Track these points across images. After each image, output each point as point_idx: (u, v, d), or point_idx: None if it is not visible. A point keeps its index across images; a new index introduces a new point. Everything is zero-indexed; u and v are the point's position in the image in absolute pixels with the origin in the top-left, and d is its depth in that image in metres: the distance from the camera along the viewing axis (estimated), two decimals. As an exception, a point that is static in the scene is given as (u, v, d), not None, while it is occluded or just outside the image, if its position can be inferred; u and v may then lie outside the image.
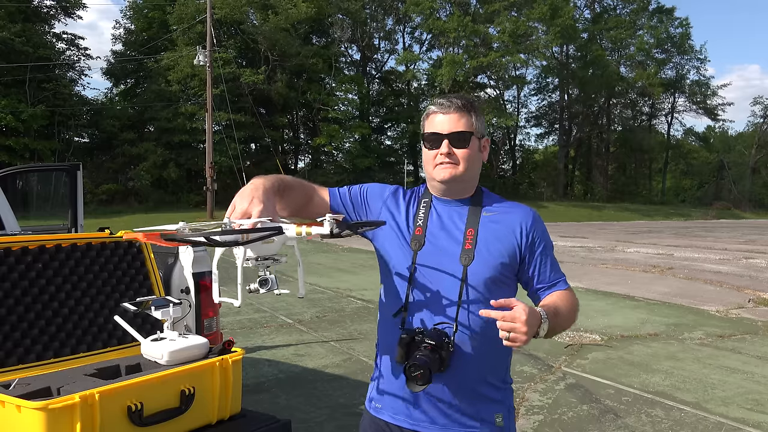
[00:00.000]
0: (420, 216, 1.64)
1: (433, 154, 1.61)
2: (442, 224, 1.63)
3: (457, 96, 1.64)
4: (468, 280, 1.56)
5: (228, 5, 31.96)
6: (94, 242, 2.52)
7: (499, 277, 1.59)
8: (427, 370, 1.45)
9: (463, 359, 1.53)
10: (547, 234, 1.68)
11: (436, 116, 1.62)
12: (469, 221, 1.61)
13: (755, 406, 4.54)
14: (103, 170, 34.02)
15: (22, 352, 2.20)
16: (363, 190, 1.73)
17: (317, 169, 38.75)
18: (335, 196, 1.70)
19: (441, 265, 1.57)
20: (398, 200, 1.71)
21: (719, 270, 12.40)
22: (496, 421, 1.60)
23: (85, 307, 2.42)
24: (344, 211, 1.68)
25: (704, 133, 55.48)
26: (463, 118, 1.59)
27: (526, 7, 37.90)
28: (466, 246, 1.58)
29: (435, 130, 1.60)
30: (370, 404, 1.70)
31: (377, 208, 1.69)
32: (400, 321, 1.58)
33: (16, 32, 28.59)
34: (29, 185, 6.86)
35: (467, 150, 1.59)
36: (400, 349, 1.52)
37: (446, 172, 1.58)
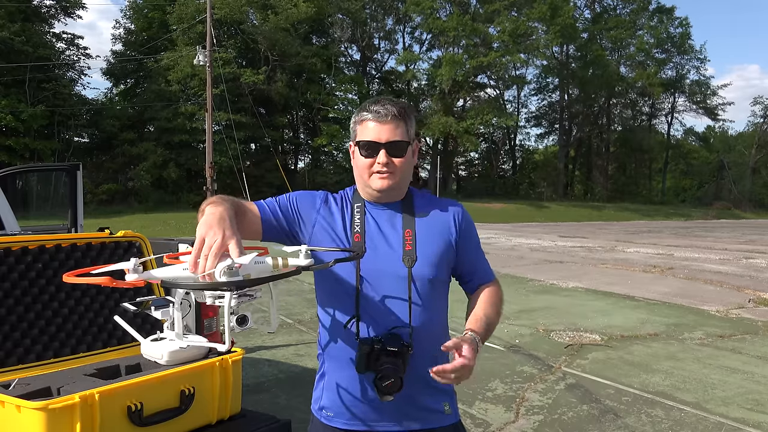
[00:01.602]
0: (356, 222, 1.64)
1: (368, 162, 1.60)
2: (380, 228, 1.63)
3: (390, 102, 1.62)
4: (414, 280, 1.58)
5: (228, 5, 31.96)
6: (94, 242, 2.52)
7: (440, 275, 1.62)
8: (398, 378, 1.47)
9: (419, 358, 1.55)
10: (475, 230, 1.74)
11: (370, 123, 1.60)
12: (405, 222, 1.63)
13: (755, 406, 4.53)
14: (103, 170, 34.02)
15: (22, 352, 2.20)
16: (292, 201, 1.67)
17: (317, 169, 38.78)
18: (264, 210, 1.62)
19: (385, 270, 1.58)
20: (331, 208, 1.68)
21: (719, 270, 12.40)
22: (444, 409, 1.65)
23: (85, 307, 2.42)
24: (276, 225, 1.62)
25: (704, 133, 55.55)
26: (399, 127, 1.59)
27: (526, 7, 37.91)
28: (407, 247, 1.60)
29: (371, 139, 1.59)
30: (321, 413, 1.72)
31: (311, 218, 1.65)
32: (353, 331, 1.57)
33: (15, 32, 28.59)
34: (29, 185, 6.86)
35: (404, 159, 1.61)
36: (359, 359, 1.51)
37: (384, 182, 1.59)
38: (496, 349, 5.95)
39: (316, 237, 1.62)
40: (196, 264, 1.25)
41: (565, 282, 10.41)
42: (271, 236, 1.62)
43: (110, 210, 28.23)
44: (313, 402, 1.75)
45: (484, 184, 42.54)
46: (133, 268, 1.27)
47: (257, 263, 1.29)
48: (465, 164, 47.83)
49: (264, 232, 1.61)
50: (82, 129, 34.53)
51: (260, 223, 1.59)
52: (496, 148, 46.34)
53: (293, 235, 1.64)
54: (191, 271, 1.26)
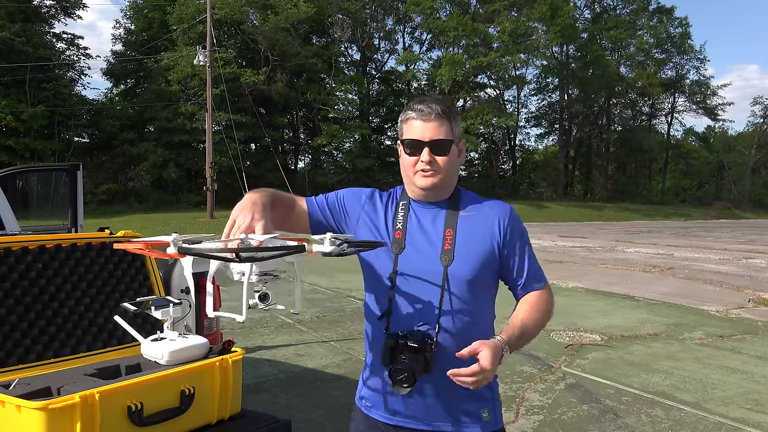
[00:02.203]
0: (399, 219, 1.66)
1: (413, 161, 1.62)
2: (421, 226, 1.64)
3: (435, 101, 1.63)
4: (449, 280, 1.58)
5: (228, 5, 31.97)
6: (94, 242, 2.52)
7: (479, 276, 1.61)
8: (411, 373, 1.48)
9: (448, 359, 1.53)
10: (524, 230, 1.71)
11: (415, 122, 1.62)
12: (448, 222, 1.64)
13: (755, 406, 4.54)
14: (103, 170, 34.02)
15: (22, 352, 2.20)
16: (340, 198, 1.73)
17: (317, 169, 38.78)
18: (313, 205, 1.70)
19: (422, 267, 1.59)
20: (375, 204, 1.71)
21: (719, 270, 12.40)
22: (482, 416, 1.63)
23: (85, 307, 2.42)
24: (324, 221, 1.69)
25: (704, 133, 55.54)
26: (443, 125, 1.60)
27: (526, 7, 37.90)
28: (446, 246, 1.60)
29: (415, 137, 1.60)
30: (361, 402, 1.74)
31: (356, 214, 1.70)
32: (384, 324, 1.61)
33: (16, 32, 28.59)
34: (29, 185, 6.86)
35: (447, 157, 1.61)
36: (384, 352, 1.54)
37: (427, 180, 1.61)
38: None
39: (359, 231, 1.67)
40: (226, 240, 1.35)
41: (565, 282, 10.41)
42: (319, 230, 1.67)
43: (110, 210, 28.24)
44: (357, 391, 1.78)
45: (484, 184, 42.48)
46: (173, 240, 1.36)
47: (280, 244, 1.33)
48: (465, 164, 47.70)
49: (312, 226, 1.68)
50: (82, 129, 34.54)
51: (308, 217, 1.68)
52: (496, 148, 46.30)
53: (339, 230, 1.70)
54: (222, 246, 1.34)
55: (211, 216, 25.64)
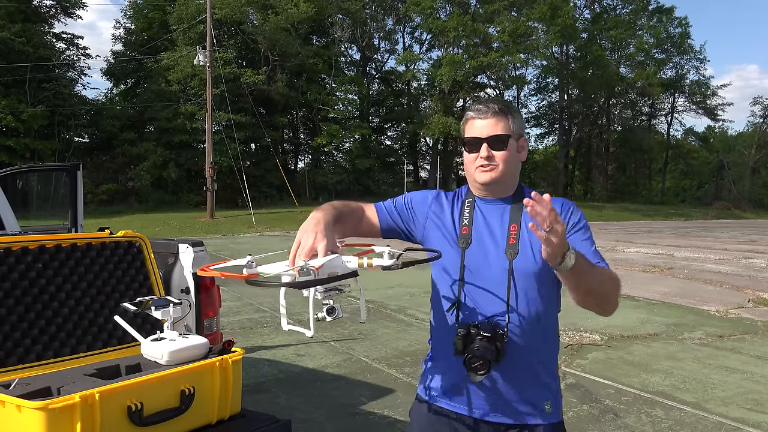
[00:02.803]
0: (465, 216, 1.73)
1: (473, 158, 1.69)
2: (487, 222, 1.71)
3: (493, 100, 1.73)
4: (515, 273, 1.64)
5: (228, 5, 31.96)
6: (94, 242, 2.52)
7: (544, 268, 1.62)
8: (486, 361, 1.56)
9: (516, 349, 1.62)
10: (585, 221, 1.73)
11: (474, 121, 1.69)
12: (512, 217, 1.69)
13: (755, 406, 4.54)
14: (103, 170, 34.04)
15: (22, 352, 2.20)
16: (407, 201, 1.81)
17: (317, 169, 38.78)
18: (382, 211, 1.79)
19: (488, 261, 1.66)
20: (441, 203, 1.79)
21: (719, 270, 12.40)
22: (545, 408, 1.69)
23: (85, 307, 2.42)
24: (393, 224, 1.78)
25: (704, 133, 55.52)
26: (501, 122, 1.67)
27: (526, 7, 37.88)
28: (511, 241, 1.66)
29: (474, 135, 1.68)
30: (426, 392, 1.78)
31: (423, 215, 1.78)
32: (454, 316, 1.68)
33: (16, 32, 28.60)
34: (29, 185, 6.86)
35: (506, 152, 1.67)
36: (457, 341, 1.61)
37: (486, 175, 1.67)
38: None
39: (428, 230, 1.76)
40: (293, 260, 1.43)
41: (565, 282, 10.40)
42: (390, 234, 1.79)
43: (110, 210, 28.25)
44: (419, 383, 1.83)
45: (484, 184, 42.43)
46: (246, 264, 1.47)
47: (345, 262, 1.43)
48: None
49: (382, 231, 1.78)
50: (82, 129, 34.57)
51: (378, 223, 1.77)
52: (496, 148, 46.26)
53: (409, 231, 1.79)
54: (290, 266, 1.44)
55: (211, 216, 25.65)
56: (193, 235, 19.05)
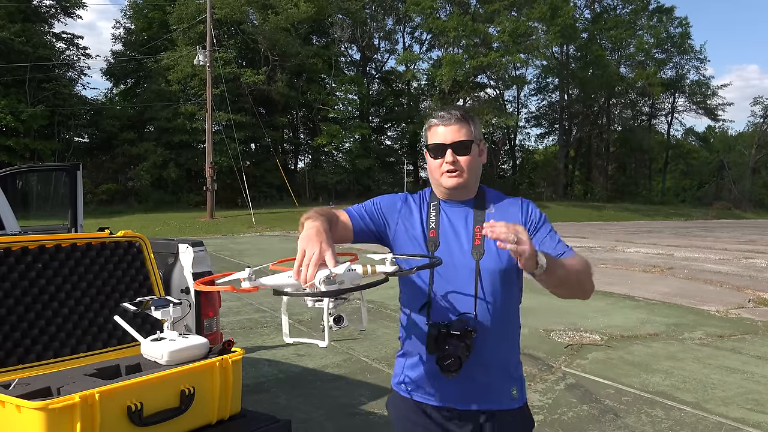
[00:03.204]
0: (431, 219, 1.81)
1: (438, 163, 1.76)
2: (452, 225, 1.79)
3: (454, 107, 1.82)
4: (481, 272, 1.72)
5: (228, 5, 31.97)
6: (94, 242, 2.52)
7: (508, 267, 1.73)
8: (457, 358, 1.64)
9: (485, 343, 1.71)
10: (544, 215, 1.83)
11: (437, 128, 1.76)
12: (476, 219, 1.78)
13: (755, 406, 4.54)
14: (103, 170, 34.05)
15: (22, 352, 2.20)
16: (377, 205, 1.86)
17: (317, 169, 38.79)
18: (354, 216, 1.82)
19: (456, 262, 1.73)
20: (410, 207, 1.85)
21: (719, 270, 12.40)
22: (512, 394, 1.80)
23: (85, 307, 2.42)
24: (366, 229, 1.81)
25: (704, 133, 55.52)
26: (463, 128, 1.75)
27: (526, 7, 37.89)
28: (476, 242, 1.74)
29: (438, 141, 1.74)
30: (400, 387, 1.86)
31: (393, 219, 1.84)
32: (425, 315, 1.75)
33: (15, 32, 28.60)
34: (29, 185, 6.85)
35: (469, 157, 1.75)
36: (429, 340, 1.68)
37: (453, 180, 1.75)
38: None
39: (398, 234, 1.82)
40: (299, 272, 1.44)
41: (565, 282, 10.39)
42: (362, 239, 1.82)
43: (110, 210, 28.25)
44: (393, 377, 1.91)
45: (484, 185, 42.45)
46: (248, 276, 1.45)
47: (350, 270, 1.46)
48: (465, 164, 47.74)
49: (355, 236, 1.81)
50: (82, 129, 34.58)
51: (351, 229, 1.79)
52: (496, 148, 46.29)
53: (380, 235, 1.84)
54: (295, 279, 1.45)
55: (210, 216, 25.65)
56: (193, 235, 19.06)
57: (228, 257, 13.47)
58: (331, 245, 1.49)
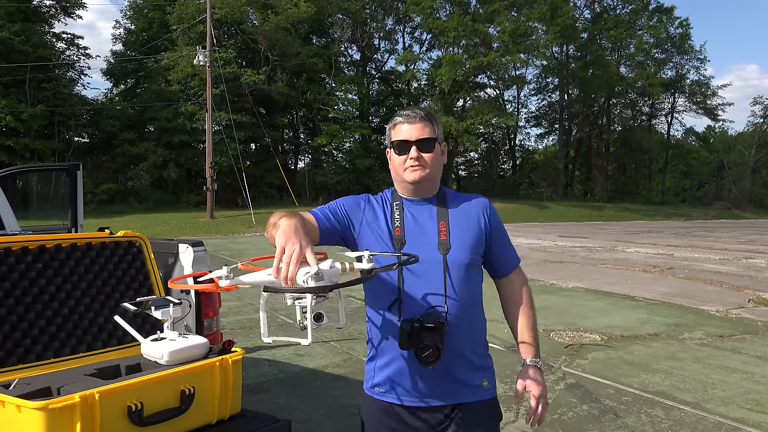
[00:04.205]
0: (396, 218, 1.84)
1: (402, 159, 1.82)
2: (417, 222, 1.84)
3: (418, 108, 1.88)
4: (449, 267, 1.78)
5: (228, 5, 31.97)
6: (94, 242, 2.52)
7: (472, 260, 1.82)
8: (436, 348, 1.67)
9: (454, 335, 1.75)
10: (501, 221, 1.95)
11: (402, 126, 1.83)
12: (440, 215, 1.84)
13: (755, 406, 4.54)
14: (103, 170, 34.05)
15: (22, 352, 2.20)
16: (341, 207, 1.87)
17: (317, 169, 38.78)
18: (320, 218, 1.81)
19: (423, 258, 1.72)
20: (374, 207, 1.89)
21: (719, 270, 12.39)
22: (483, 385, 1.84)
23: (85, 307, 2.42)
24: (331, 229, 1.82)
25: (704, 133, 55.56)
26: (427, 126, 1.82)
27: (526, 7, 37.91)
28: (441, 237, 1.80)
29: (403, 138, 1.81)
30: (373, 390, 1.86)
31: (358, 218, 1.86)
32: (396, 312, 1.76)
33: (15, 32, 28.60)
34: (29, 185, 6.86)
35: (432, 154, 1.82)
36: (402, 336, 1.69)
37: (416, 173, 1.80)
38: (496, 349, 5.95)
39: (363, 234, 1.84)
40: (278, 270, 1.42)
41: (565, 282, 10.41)
42: (328, 240, 1.82)
43: (110, 210, 28.25)
44: (365, 381, 1.91)
45: (484, 184, 42.51)
46: (225, 275, 1.42)
47: (332, 267, 1.45)
48: (465, 164, 47.83)
49: (321, 236, 1.79)
50: (82, 129, 34.58)
51: (317, 230, 1.78)
52: (496, 148, 46.32)
53: (345, 235, 1.85)
54: (274, 276, 1.41)
55: (211, 216, 25.65)
56: (193, 235, 19.06)
57: (228, 257, 13.47)
58: (310, 243, 1.49)
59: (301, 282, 1.39)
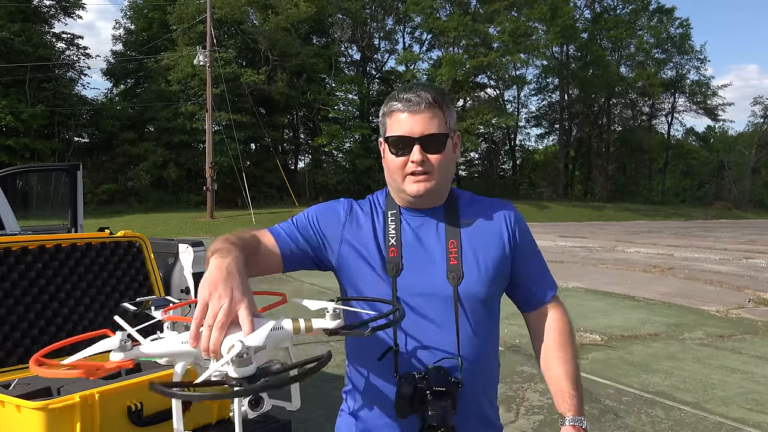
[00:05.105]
0: (390, 233, 1.36)
1: (401, 162, 1.33)
2: (419, 240, 1.36)
3: (424, 87, 1.34)
4: (462, 301, 1.32)
5: (228, 5, 31.98)
6: (94, 242, 2.52)
7: (492, 292, 1.37)
8: (449, 427, 1.23)
9: (470, 393, 1.33)
10: (529, 230, 1.48)
11: (401, 115, 1.33)
12: (449, 232, 1.36)
13: (755, 406, 4.53)
14: (103, 170, 34.05)
15: (22, 352, 2.20)
16: (313, 221, 1.39)
17: (317, 169, 38.78)
18: (282, 238, 1.36)
19: (427, 289, 1.32)
20: (359, 220, 1.40)
21: (719, 270, 12.39)
22: None
23: (85, 307, 2.42)
24: (299, 253, 1.36)
25: (704, 133, 55.55)
26: (436, 117, 1.33)
27: (526, 7, 37.92)
28: (451, 262, 1.33)
29: (403, 133, 1.32)
30: None
31: (336, 236, 1.38)
32: (391, 365, 1.31)
33: (15, 32, 28.61)
34: (29, 185, 6.86)
35: (442, 155, 1.34)
36: (400, 401, 1.24)
37: (420, 185, 1.33)
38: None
39: (344, 258, 1.37)
40: (197, 336, 1.01)
41: (565, 282, 10.41)
42: (295, 266, 1.38)
43: (110, 210, 28.26)
44: None
45: (484, 184, 42.51)
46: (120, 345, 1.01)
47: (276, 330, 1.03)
48: (465, 164, 47.84)
49: (285, 264, 1.36)
50: (82, 129, 34.59)
51: (279, 254, 1.34)
52: (496, 148, 46.29)
53: (319, 260, 1.39)
54: (192, 346, 1.01)
55: (211, 216, 25.65)
56: (193, 235, 19.05)
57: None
58: (248, 293, 1.04)
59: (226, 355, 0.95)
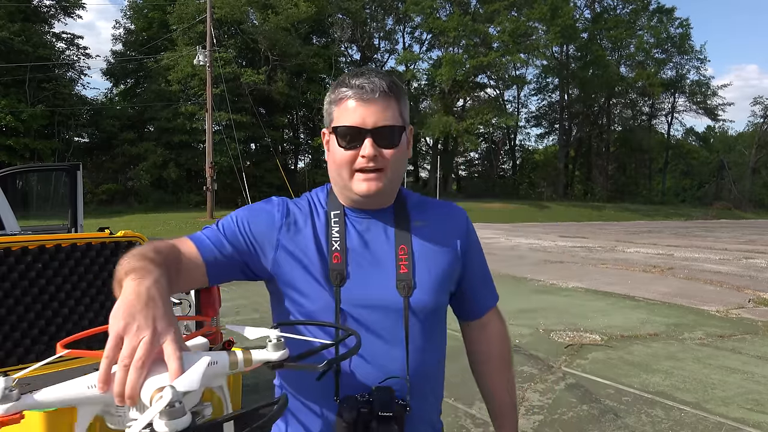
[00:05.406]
0: (334, 237, 1.21)
1: (350, 156, 1.17)
2: (365, 244, 1.22)
3: (378, 74, 1.18)
4: (412, 313, 1.19)
5: (228, 5, 32.00)
6: (94, 242, 2.52)
7: (442, 302, 1.26)
8: None
9: (418, 416, 1.20)
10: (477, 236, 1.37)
11: (350, 102, 1.16)
12: (399, 236, 1.23)
13: (755, 406, 4.54)
14: (103, 170, 34.06)
15: (22, 352, 2.20)
16: (242, 225, 1.20)
17: (317, 169, 38.80)
18: (206, 247, 1.16)
19: (374, 301, 1.18)
20: (297, 222, 1.23)
21: (719, 270, 12.40)
22: None
23: (85, 307, 2.42)
24: (226, 263, 1.18)
25: (704, 133, 55.62)
26: (390, 107, 1.17)
27: (526, 7, 37.96)
28: (402, 269, 1.20)
29: (353, 124, 1.16)
30: None
31: (271, 242, 1.20)
32: (331, 387, 1.17)
33: (15, 32, 28.64)
34: (29, 185, 6.86)
35: (396, 149, 1.18)
36: (341, 428, 1.10)
37: (371, 184, 1.17)
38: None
39: (280, 265, 1.19)
40: (108, 379, 0.77)
41: (565, 282, 10.40)
42: (222, 278, 1.19)
43: (110, 210, 28.27)
44: None
45: (484, 184, 42.57)
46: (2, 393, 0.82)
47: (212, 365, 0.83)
48: (465, 164, 47.91)
49: (210, 277, 1.16)
50: (82, 129, 34.61)
51: (203, 266, 1.14)
52: (496, 148, 46.35)
53: (250, 270, 1.21)
54: (101, 391, 0.78)
55: (211, 216, 25.64)
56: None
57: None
58: (174, 324, 0.82)
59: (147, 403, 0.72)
